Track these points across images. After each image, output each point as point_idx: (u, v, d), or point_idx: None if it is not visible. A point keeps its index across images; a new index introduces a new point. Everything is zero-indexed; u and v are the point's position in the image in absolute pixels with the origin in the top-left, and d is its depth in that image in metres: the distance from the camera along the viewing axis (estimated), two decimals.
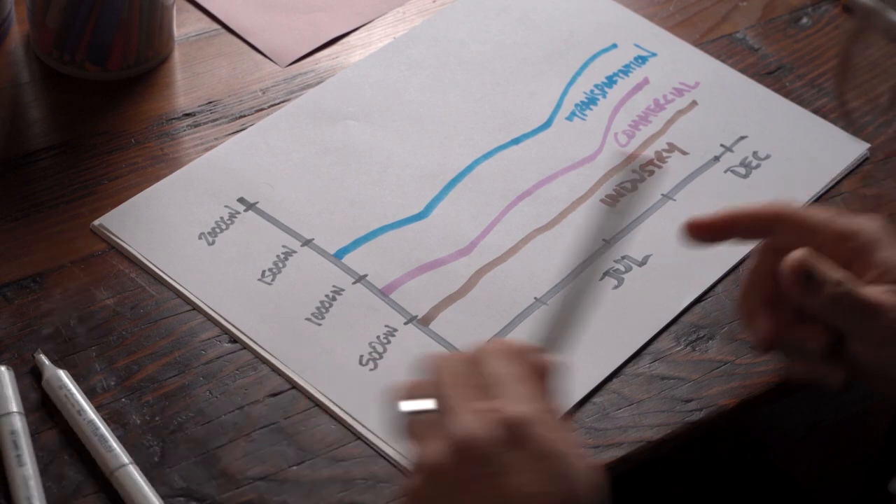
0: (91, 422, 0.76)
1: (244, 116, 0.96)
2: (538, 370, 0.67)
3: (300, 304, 0.84)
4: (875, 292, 0.74)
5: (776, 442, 0.94)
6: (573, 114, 0.98)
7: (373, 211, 0.90)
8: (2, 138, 0.93)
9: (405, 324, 0.84)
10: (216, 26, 1.03)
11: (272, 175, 0.91)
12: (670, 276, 0.88)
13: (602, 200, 0.92)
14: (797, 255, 0.75)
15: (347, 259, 0.87)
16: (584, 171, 0.94)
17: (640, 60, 1.03)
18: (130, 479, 0.74)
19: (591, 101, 0.99)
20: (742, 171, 0.95)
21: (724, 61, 1.03)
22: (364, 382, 0.80)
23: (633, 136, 0.97)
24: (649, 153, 0.96)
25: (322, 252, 0.87)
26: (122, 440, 0.76)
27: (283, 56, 1.01)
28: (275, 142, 0.94)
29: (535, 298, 0.86)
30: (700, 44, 1.05)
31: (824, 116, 0.99)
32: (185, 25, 1.02)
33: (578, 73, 1.01)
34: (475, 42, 1.03)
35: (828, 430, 0.90)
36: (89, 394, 0.78)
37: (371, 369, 0.81)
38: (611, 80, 1.01)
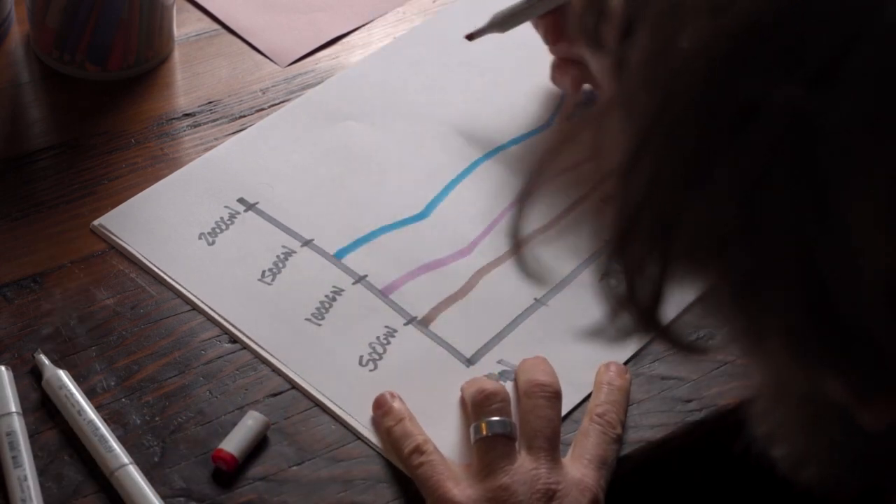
0: (91, 422, 0.76)
1: (244, 116, 0.96)
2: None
3: (300, 305, 0.84)
4: None
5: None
6: (573, 114, 0.98)
7: (373, 211, 0.90)
8: (2, 138, 0.93)
9: (405, 324, 0.84)
10: (216, 26, 1.02)
11: (272, 175, 0.91)
12: None
13: (602, 200, 0.92)
14: None
15: (347, 259, 0.87)
16: None
17: None
18: (130, 479, 0.74)
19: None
20: None
21: None
22: (364, 383, 0.80)
23: None
24: None
25: (322, 252, 0.87)
26: (122, 440, 0.76)
27: (283, 56, 1.01)
28: (275, 142, 0.94)
29: (535, 299, 0.86)
30: None
31: None
32: (185, 25, 1.02)
33: None
34: (475, 42, 1.02)
35: None
36: (89, 394, 0.78)
37: (371, 370, 0.81)
38: None
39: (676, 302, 0.46)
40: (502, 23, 0.93)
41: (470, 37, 0.94)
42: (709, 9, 0.41)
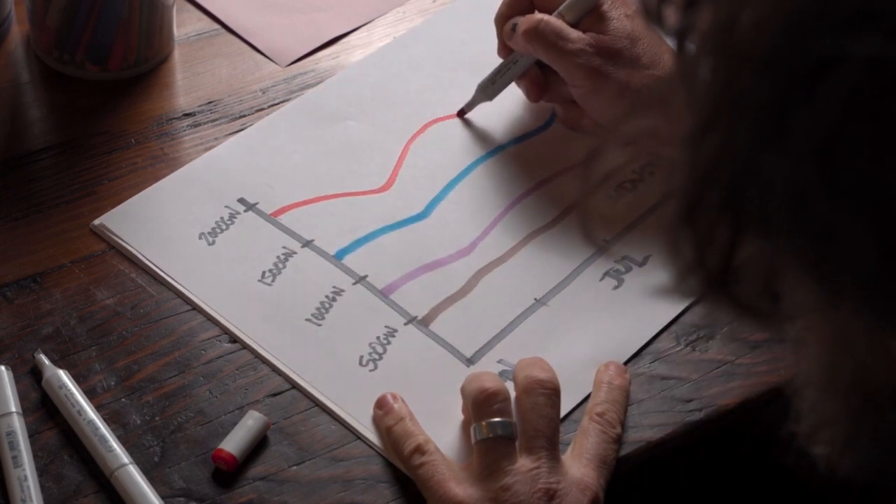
0: (91, 422, 0.76)
1: (244, 116, 0.96)
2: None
3: (300, 305, 0.84)
4: (567, 28, 0.90)
5: (781, 440, 0.93)
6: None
7: (373, 211, 0.90)
8: (2, 138, 0.93)
9: (405, 324, 0.84)
10: (216, 26, 1.02)
11: (272, 175, 0.91)
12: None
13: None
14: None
15: (347, 260, 0.87)
16: None
17: None
18: (130, 479, 0.74)
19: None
20: None
21: None
22: (364, 383, 0.80)
23: None
24: None
25: (322, 253, 0.87)
26: (122, 440, 0.76)
27: (283, 56, 1.01)
28: (275, 142, 0.94)
29: (535, 299, 0.86)
30: None
31: None
32: (185, 25, 1.02)
33: None
34: (475, 42, 1.02)
35: None
36: (89, 394, 0.78)
37: (371, 370, 0.81)
38: None
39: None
40: (487, 91, 0.95)
41: (461, 112, 0.96)
42: None
